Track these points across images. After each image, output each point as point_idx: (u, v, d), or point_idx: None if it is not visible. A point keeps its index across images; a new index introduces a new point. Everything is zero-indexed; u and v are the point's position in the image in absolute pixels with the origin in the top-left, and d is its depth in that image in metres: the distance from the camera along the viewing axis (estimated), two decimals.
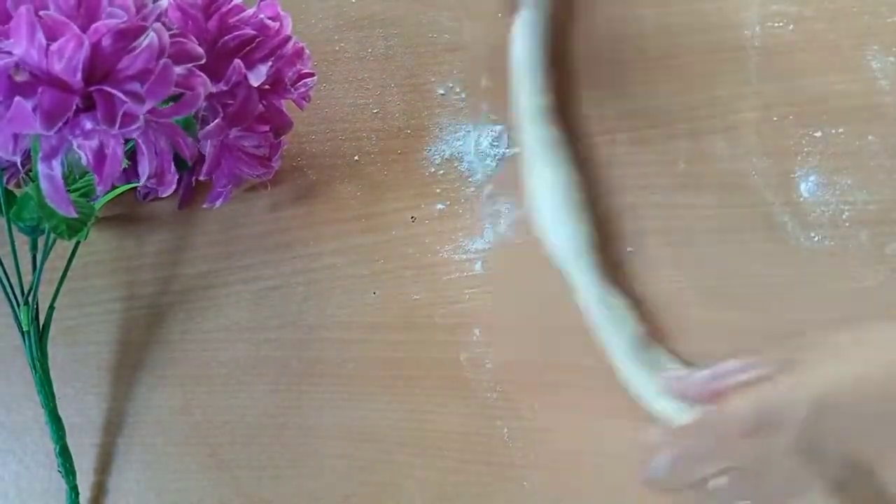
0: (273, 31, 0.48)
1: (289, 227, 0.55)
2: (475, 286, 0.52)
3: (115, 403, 0.54)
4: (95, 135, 0.39)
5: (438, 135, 0.55)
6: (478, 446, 0.49)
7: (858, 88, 0.51)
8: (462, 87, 0.56)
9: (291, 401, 0.52)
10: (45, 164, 0.40)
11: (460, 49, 0.57)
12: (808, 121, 0.51)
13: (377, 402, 0.51)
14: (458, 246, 0.53)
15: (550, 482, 0.48)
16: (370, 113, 0.57)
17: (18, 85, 0.37)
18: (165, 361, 0.54)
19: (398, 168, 0.55)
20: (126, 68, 0.38)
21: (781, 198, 0.50)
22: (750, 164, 0.51)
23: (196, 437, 0.52)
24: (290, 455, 0.51)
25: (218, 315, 0.54)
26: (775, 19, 0.53)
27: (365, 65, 0.58)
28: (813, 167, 0.50)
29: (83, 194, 0.49)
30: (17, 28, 0.36)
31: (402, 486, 0.50)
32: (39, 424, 0.52)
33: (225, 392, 0.53)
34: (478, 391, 0.50)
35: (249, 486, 0.51)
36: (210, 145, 0.48)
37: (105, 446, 0.53)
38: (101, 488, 0.52)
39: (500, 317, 0.51)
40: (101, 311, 0.55)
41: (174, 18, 0.45)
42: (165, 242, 0.56)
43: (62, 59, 0.37)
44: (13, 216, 0.49)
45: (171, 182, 0.44)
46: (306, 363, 0.52)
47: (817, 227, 0.49)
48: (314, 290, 0.53)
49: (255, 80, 0.47)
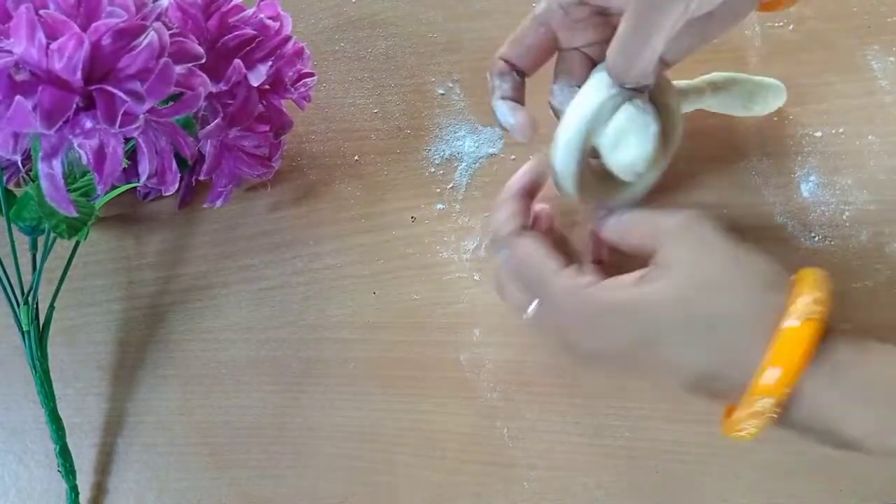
0: (273, 31, 0.48)
1: (289, 227, 0.55)
2: (475, 286, 0.52)
3: (115, 403, 0.54)
4: (95, 134, 0.39)
5: (438, 135, 0.55)
6: (478, 446, 0.49)
7: (858, 88, 0.51)
8: (462, 87, 0.56)
9: (291, 401, 0.52)
10: (46, 163, 0.40)
11: (460, 49, 0.57)
12: (808, 121, 0.51)
13: (377, 402, 0.51)
14: (458, 246, 0.53)
15: (550, 482, 0.48)
16: (370, 113, 0.57)
17: (19, 84, 0.37)
18: (165, 361, 0.54)
19: (398, 168, 0.55)
20: (126, 67, 0.38)
21: (781, 198, 0.50)
22: (750, 164, 0.51)
23: (196, 437, 0.52)
24: (290, 455, 0.51)
25: (218, 315, 0.54)
26: (775, 19, 0.53)
27: (365, 65, 0.58)
28: (813, 167, 0.50)
29: (83, 194, 0.49)
30: (18, 27, 0.36)
31: (402, 486, 0.50)
32: (39, 424, 0.52)
33: (225, 392, 0.53)
34: (478, 391, 0.50)
35: (249, 486, 0.51)
36: (210, 145, 0.48)
37: (105, 446, 0.53)
38: (101, 488, 0.52)
39: (500, 317, 0.51)
40: (101, 311, 0.55)
41: (174, 18, 0.45)
42: (165, 242, 0.56)
43: (62, 58, 0.37)
44: (13, 216, 0.49)
45: (173, 181, 0.44)
46: (306, 363, 0.52)
47: (817, 227, 0.49)
48: (314, 290, 0.53)
49: (255, 80, 0.47)
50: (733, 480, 0.46)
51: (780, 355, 0.35)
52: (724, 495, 0.46)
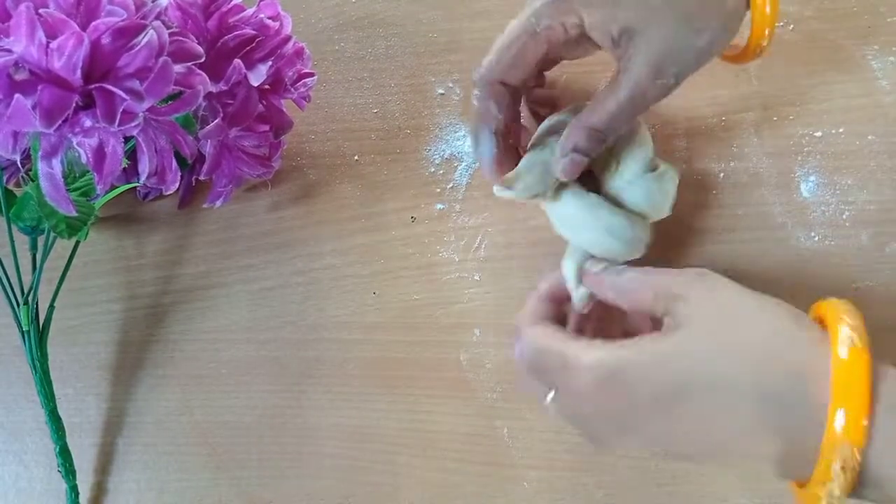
0: (273, 30, 0.48)
1: (289, 227, 0.55)
2: (475, 286, 0.52)
3: (115, 403, 0.54)
4: (95, 133, 0.39)
5: (438, 135, 0.55)
6: (478, 446, 0.49)
7: (858, 88, 0.51)
8: (462, 87, 0.56)
9: (291, 401, 0.52)
10: (45, 162, 0.40)
11: (460, 49, 0.57)
12: (808, 121, 0.51)
13: (377, 402, 0.51)
14: (458, 246, 0.53)
15: (550, 482, 0.48)
16: (370, 113, 0.57)
17: (18, 83, 0.37)
18: (165, 361, 0.54)
19: (398, 168, 0.55)
20: (125, 66, 0.38)
21: (781, 198, 0.50)
22: (750, 164, 0.51)
23: (196, 437, 0.52)
24: (290, 455, 0.51)
25: (218, 315, 0.54)
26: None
27: (365, 65, 0.58)
28: (813, 167, 0.50)
29: (83, 193, 0.49)
30: (17, 26, 0.36)
31: (402, 486, 0.50)
32: (39, 424, 0.52)
33: (225, 392, 0.53)
34: (478, 391, 0.50)
35: (249, 486, 0.51)
36: (210, 145, 0.48)
37: (105, 446, 0.53)
38: (101, 488, 0.52)
39: (499, 317, 0.51)
40: (101, 311, 0.55)
41: (174, 18, 0.45)
42: (165, 242, 0.56)
43: (62, 57, 0.37)
44: (13, 216, 0.49)
45: (173, 180, 0.44)
46: (306, 363, 0.52)
47: (817, 227, 0.49)
48: (314, 290, 0.53)
49: (254, 80, 0.47)
50: (733, 480, 0.46)
51: (841, 391, 0.32)
52: (724, 495, 0.46)
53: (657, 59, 0.40)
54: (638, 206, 0.45)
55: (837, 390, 0.32)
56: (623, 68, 0.41)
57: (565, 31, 0.42)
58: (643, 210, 0.45)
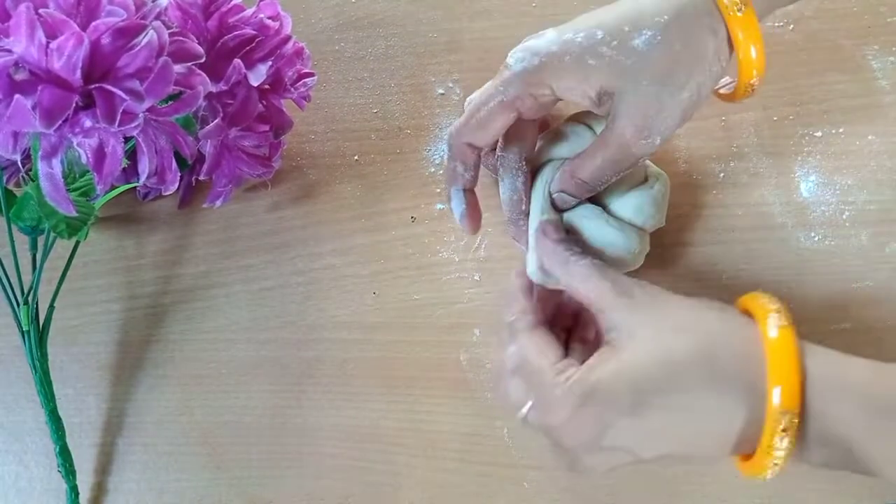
0: (273, 30, 0.48)
1: (289, 227, 0.55)
2: (475, 286, 0.52)
3: (115, 403, 0.53)
4: (95, 133, 0.39)
5: (438, 135, 0.55)
6: (478, 446, 0.49)
7: (858, 88, 0.51)
8: (462, 88, 0.56)
9: (291, 401, 0.52)
10: (45, 162, 0.40)
11: (460, 49, 0.57)
12: (808, 121, 0.51)
13: (377, 402, 0.51)
14: (458, 246, 0.53)
15: (550, 482, 0.48)
16: (370, 113, 0.57)
17: (18, 83, 0.37)
18: (165, 361, 0.54)
19: (398, 168, 0.55)
20: (125, 66, 0.38)
21: (781, 198, 0.50)
22: (750, 164, 0.51)
23: (196, 437, 0.52)
24: (290, 455, 0.51)
25: (218, 315, 0.54)
26: (775, 20, 0.53)
27: (365, 65, 0.58)
28: (813, 167, 0.50)
29: (83, 193, 0.49)
30: (17, 26, 0.36)
31: (402, 486, 0.49)
32: (39, 424, 0.52)
33: (225, 392, 0.53)
34: (478, 391, 0.50)
35: (249, 486, 0.51)
36: (210, 145, 0.48)
37: (105, 446, 0.53)
38: (101, 488, 0.52)
39: (500, 317, 0.51)
40: (101, 311, 0.55)
41: (174, 18, 0.45)
42: (165, 242, 0.56)
43: (62, 57, 0.37)
44: (13, 216, 0.49)
45: (173, 180, 0.44)
46: (306, 363, 0.52)
47: (817, 227, 0.49)
48: (314, 290, 0.53)
49: (254, 80, 0.47)
50: (733, 480, 0.46)
51: (776, 368, 0.34)
52: (724, 495, 0.46)
53: (641, 122, 0.40)
54: (630, 219, 0.45)
55: (773, 364, 0.34)
56: (608, 127, 0.41)
57: (535, 100, 0.42)
58: (635, 222, 0.45)
